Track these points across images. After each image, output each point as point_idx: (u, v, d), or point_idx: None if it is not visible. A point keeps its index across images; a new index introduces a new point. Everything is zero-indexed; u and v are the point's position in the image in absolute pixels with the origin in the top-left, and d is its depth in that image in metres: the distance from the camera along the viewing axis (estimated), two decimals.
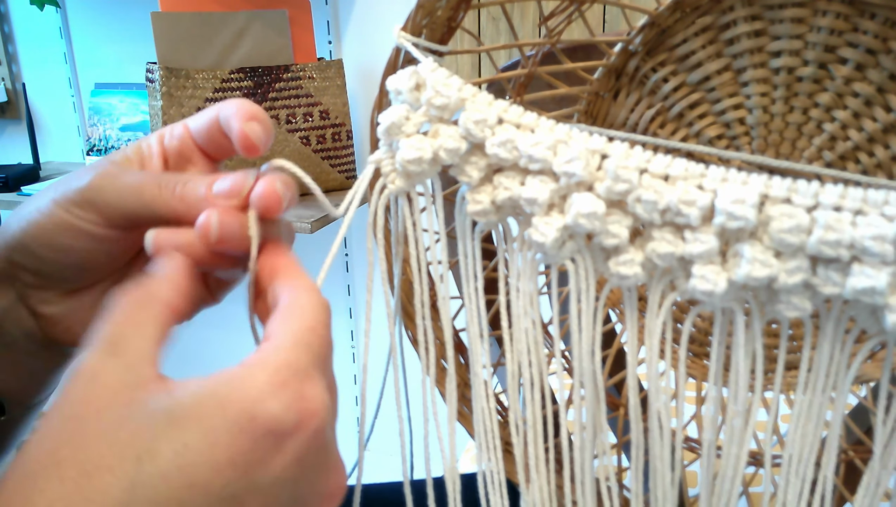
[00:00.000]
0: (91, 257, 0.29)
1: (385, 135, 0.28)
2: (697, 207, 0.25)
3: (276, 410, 0.21)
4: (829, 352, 0.26)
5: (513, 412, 0.31)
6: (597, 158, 0.27)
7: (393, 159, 0.28)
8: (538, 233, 0.28)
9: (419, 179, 0.28)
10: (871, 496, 0.25)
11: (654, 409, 0.29)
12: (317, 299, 0.26)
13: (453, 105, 0.27)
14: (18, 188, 1.45)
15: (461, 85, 0.28)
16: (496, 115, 0.28)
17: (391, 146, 0.28)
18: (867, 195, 0.23)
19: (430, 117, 0.28)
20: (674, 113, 0.42)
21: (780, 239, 0.24)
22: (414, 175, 0.28)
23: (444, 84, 0.27)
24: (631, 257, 0.28)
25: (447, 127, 0.28)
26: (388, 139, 0.28)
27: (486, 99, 0.28)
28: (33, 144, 1.56)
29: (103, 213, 0.28)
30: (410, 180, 0.28)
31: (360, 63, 1.43)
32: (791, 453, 0.27)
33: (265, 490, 0.21)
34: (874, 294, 0.23)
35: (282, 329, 0.24)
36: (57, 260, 0.29)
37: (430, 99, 0.27)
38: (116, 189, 0.28)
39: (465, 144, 0.28)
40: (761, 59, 0.38)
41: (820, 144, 0.38)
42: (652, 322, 0.29)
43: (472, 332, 0.31)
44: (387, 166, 0.28)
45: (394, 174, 0.28)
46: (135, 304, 0.24)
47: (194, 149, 0.32)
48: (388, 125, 0.27)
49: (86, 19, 1.64)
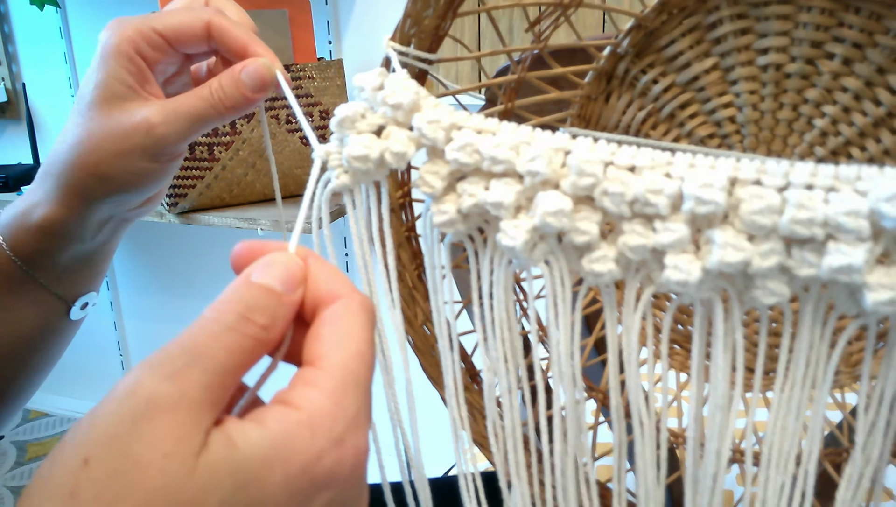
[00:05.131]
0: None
1: (338, 128, 0.27)
2: (665, 196, 0.25)
3: (331, 466, 0.22)
4: (808, 339, 0.25)
5: (490, 422, 0.31)
6: (560, 156, 0.26)
7: (340, 154, 0.28)
8: (507, 237, 0.27)
9: (365, 179, 0.28)
10: (853, 487, 0.24)
11: (635, 407, 0.29)
12: (361, 311, 0.25)
13: (407, 106, 0.27)
14: (18, 188, 1.45)
15: (419, 90, 0.28)
16: (452, 120, 0.27)
17: (342, 141, 0.28)
18: (839, 172, 0.23)
19: (386, 119, 0.28)
20: (665, 114, 0.41)
21: (751, 221, 0.24)
22: (359, 173, 0.27)
23: (402, 85, 0.27)
24: (604, 253, 0.27)
25: (399, 130, 0.27)
26: (340, 133, 0.28)
27: (445, 108, 0.28)
28: (33, 144, 1.56)
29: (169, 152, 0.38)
30: (355, 178, 0.28)
31: (360, 63, 1.43)
32: (770, 447, 0.26)
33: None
34: (851, 272, 0.22)
35: (331, 361, 0.23)
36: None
37: (385, 98, 0.27)
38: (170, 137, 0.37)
39: (413, 148, 0.27)
40: (748, 57, 0.38)
41: (811, 139, 0.37)
42: (630, 318, 0.28)
43: (443, 345, 0.31)
44: (334, 161, 0.28)
45: (339, 169, 0.28)
46: (221, 324, 0.23)
47: (165, 46, 0.38)
48: (342, 118, 0.27)
49: (86, 19, 1.64)
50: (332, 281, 0.26)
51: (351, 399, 0.23)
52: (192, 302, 1.82)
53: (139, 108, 0.37)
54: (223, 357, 0.22)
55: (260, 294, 0.24)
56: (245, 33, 0.38)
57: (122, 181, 0.38)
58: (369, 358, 0.24)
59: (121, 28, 0.38)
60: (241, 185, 1.27)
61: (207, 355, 0.22)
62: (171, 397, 0.20)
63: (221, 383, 0.22)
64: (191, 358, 0.21)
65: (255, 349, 0.23)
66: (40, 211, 0.40)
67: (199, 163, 1.24)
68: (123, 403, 0.20)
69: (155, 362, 0.21)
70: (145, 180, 0.39)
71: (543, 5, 0.40)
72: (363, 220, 0.28)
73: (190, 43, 0.38)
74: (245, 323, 0.23)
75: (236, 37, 0.38)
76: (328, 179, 0.28)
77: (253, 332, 0.23)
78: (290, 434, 0.21)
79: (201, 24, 0.38)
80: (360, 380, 0.23)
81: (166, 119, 0.37)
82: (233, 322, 0.23)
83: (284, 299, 0.25)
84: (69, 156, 0.38)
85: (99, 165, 0.38)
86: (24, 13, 1.68)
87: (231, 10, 0.40)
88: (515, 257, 0.28)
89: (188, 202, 1.25)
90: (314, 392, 0.23)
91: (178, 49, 0.39)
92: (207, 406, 0.21)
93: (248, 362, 0.23)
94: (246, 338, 0.23)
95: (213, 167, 1.25)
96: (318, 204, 0.28)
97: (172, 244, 1.79)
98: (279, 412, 0.22)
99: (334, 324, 0.24)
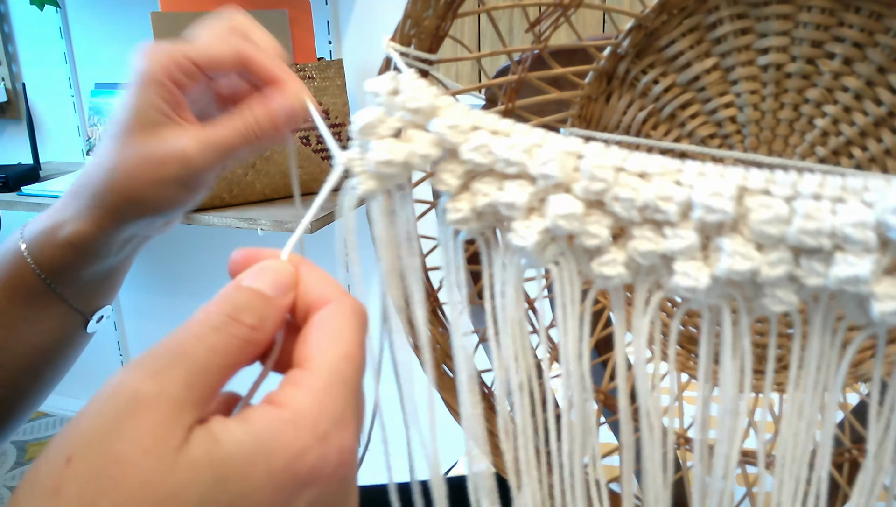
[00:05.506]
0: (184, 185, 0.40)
1: (359, 135, 0.28)
2: (675, 203, 0.25)
3: (314, 462, 0.22)
4: (818, 347, 0.25)
5: (501, 419, 0.31)
6: (572, 159, 0.26)
7: (363, 160, 0.28)
8: (519, 237, 0.28)
9: (390, 183, 0.28)
10: (866, 494, 0.24)
11: (644, 410, 0.29)
12: (351, 315, 0.25)
13: (427, 110, 0.27)
14: (18, 188, 1.45)
15: (438, 93, 0.28)
16: (471, 122, 0.28)
17: (363, 147, 0.28)
18: (846, 183, 0.23)
19: (404, 123, 0.28)
20: (665, 114, 0.42)
21: (759, 231, 0.24)
22: (385, 178, 0.28)
23: (419, 89, 0.28)
24: (613, 256, 0.28)
25: (420, 133, 0.28)
26: (362, 139, 0.28)
27: (462, 108, 0.28)
28: (33, 144, 1.56)
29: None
30: (381, 183, 0.28)
31: (360, 63, 1.43)
32: (784, 452, 0.26)
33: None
34: (858, 282, 0.23)
35: (318, 362, 0.24)
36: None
37: (404, 102, 0.27)
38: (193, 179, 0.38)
39: (437, 150, 0.28)
40: (749, 57, 0.38)
41: (812, 139, 0.38)
42: (639, 322, 0.29)
43: (456, 343, 0.31)
44: (357, 167, 0.28)
45: (364, 175, 0.28)
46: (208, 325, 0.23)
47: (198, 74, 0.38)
48: (363, 125, 0.27)
49: (86, 19, 1.64)
50: (323, 286, 0.26)
51: (337, 398, 0.23)
52: (192, 302, 1.82)
53: (175, 136, 0.38)
54: (207, 356, 0.22)
55: (248, 296, 0.25)
56: (275, 62, 0.39)
57: (155, 206, 0.40)
58: (358, 360, 0.24)
59: (155, 55, 0.38)
60: (241, 185, 1.27)
61: (190, 354, 0.22)
62: (152, 395, 0.21)
63: (204, 381, 0.22)
64: (174, 357, 0.22)
65: (243, 349, 0.23)
66: (69, 228, 0.41)
67: None
68: (107, 402, 0.21)
69: (139, 361, 0.22)
70: (176, 206, 0.40)
71: (543, 6, 0.40)
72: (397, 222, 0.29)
73: (221, 70, 0.39)
74: (231, 324, 0.23)
75: (267, 67, 0.39)
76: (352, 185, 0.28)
77: (239, 332, 0.23)
78: (273, 431, 0.22)
79: (233, 54, 0.38)
80: (347, 380, 0.24)
81: (202, 151, 0.38)
82: (219, 323, 0.23)
83: (274, 302, 0.25)
84: (103, 179, 0.39)
85: (133, 190, 0.39)
86: (24, 13, 1.67)
87: (257, 35, 0.41)
88: (526, 256, 0.28)
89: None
90: (299, 391, 0.23)
91: (210, 76, 0.40)
92: (190, 404, 0.21)
93: (235, 362, 0.23)
94: (232, 338, 0.23)
95: None
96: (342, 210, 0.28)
97: (172, 244, 1.78)
98: (263, 410, 0.22)
99: (323, 327, 0.25)
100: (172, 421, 0.20)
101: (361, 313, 0.26)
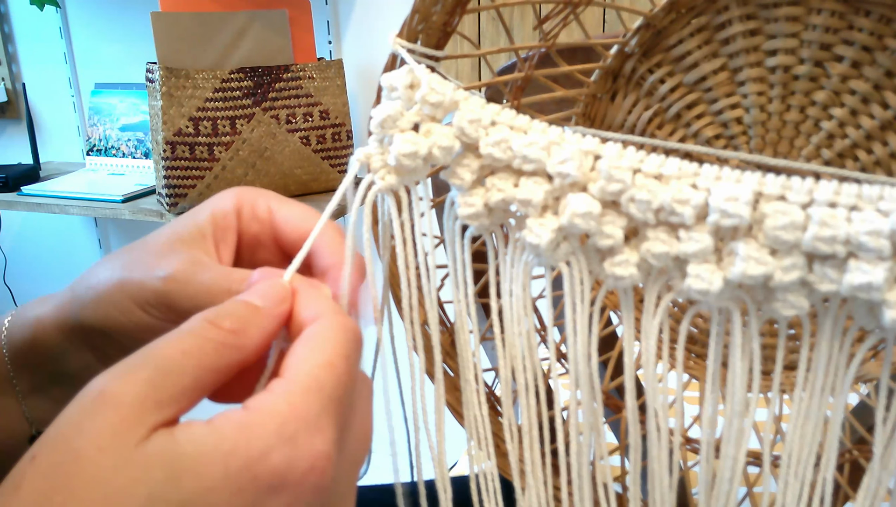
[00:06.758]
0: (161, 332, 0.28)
1: (379, 129, 0.27)
2: (691, 206, 0.25)
3: (278, 465, 0.21)
4: (827, 351, 0.26)
5: (506, 419, 0.31)
6: (590, 159, 0.26)
7: (383, 155, 0.28)
8: (533, 234, 0.28)
9: (411, 178, 0.28)
10: (871, 497, 0.25)
11: (652, 411, 0.29)
12: (339, 330, 0.25)
13: (447, 104, 0.27)
14: (18, 188, 1.45)
15: (455, 87, 0.28)
16: (489, 116, 0.28)
17: (382, 142, 0.28)
18: (862, 191, 0.23)
19: (423, 116, 0.28)
20: (671, 114, 0.42)
21: (774, 236, 0.24)
22: (407, 171, 0.27)
23: (439, 83, 0.27)
24: (626, 257, 0.28)
25: (440, 126, 0.28)
26: (382, 133, 0.27)
27: (479, 102, 0.28)
28: (33, 144, 1.56)
29: (178, 312, 0.29)
30: (402, 177, 0.28)
31: (360, 63, 1.43)
32: (790, 454, 0.26)
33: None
34: (871, 290, 0.23)
35: (295, 370, 0.23)
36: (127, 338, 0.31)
37: (424, 96, 0.27)
38: (190, 296, 0.29)
39: (457, 143, 0.27)
40: (757, 59, 0.38)
41: (818, 142, 0.38)
42: (648, 323, 0.29)
43: (463, 338, 0.31)
44: (377, 162, 0.28)
45: (384, 170, 0.28)
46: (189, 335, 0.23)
47: (271, 239, 0.33)
48: (383, 118, 0.27)
49: (86, 19, 1.64)
50: (316, 305, 0.26)
51: (311, 403, 0.22)
52: None
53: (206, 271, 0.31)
54: (176, 357, 0.22)
55: (232, 304, 0.25)
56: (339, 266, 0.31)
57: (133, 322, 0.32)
58: (340, 370, 0.24)
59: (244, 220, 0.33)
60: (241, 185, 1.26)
61: (160, 356, 0.22)
62: (115, 394, 0.21)
63: (171, 381, 0.22)
64: (144, 358, 0.22)
65: (218, 352, 0.23)
66: (39, 309, 0.35)
67: (199, 163, 1.23)
68: (76, 403, 0.21)
69: (116, 365, 0.22)
70: (148, 331, 0.33)
71: (553, 3, 0.40)
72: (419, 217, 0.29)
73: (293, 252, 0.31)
74: (207, 327, 0.23)
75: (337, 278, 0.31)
76: (371, 180, 0.28)
77: (215, 335, 0.23)
78: (235, 430, 0.21)
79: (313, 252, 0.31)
80: (324, 387, 0.23)
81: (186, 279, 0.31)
82: (196, 327, 0.23)
83: (262, 311, 0.25)
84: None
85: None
86: (24, 13, 1.67)
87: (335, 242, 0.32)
88: (538, 254, 0.28)
89: (188, 202, 1.24)
90: (269, 396, 0.22)
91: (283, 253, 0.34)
92: (153, 403, 0.21)
93: (212, 365, 0.23)
94: (206, 341, 0.23)
95: (213, 167, 1.24)
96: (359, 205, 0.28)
97: None
98: (231, 413, 0.22)
99: (308, 341, 0.24)
100: (133, 419, 0.20)
101: (351, 330, 0.25)
